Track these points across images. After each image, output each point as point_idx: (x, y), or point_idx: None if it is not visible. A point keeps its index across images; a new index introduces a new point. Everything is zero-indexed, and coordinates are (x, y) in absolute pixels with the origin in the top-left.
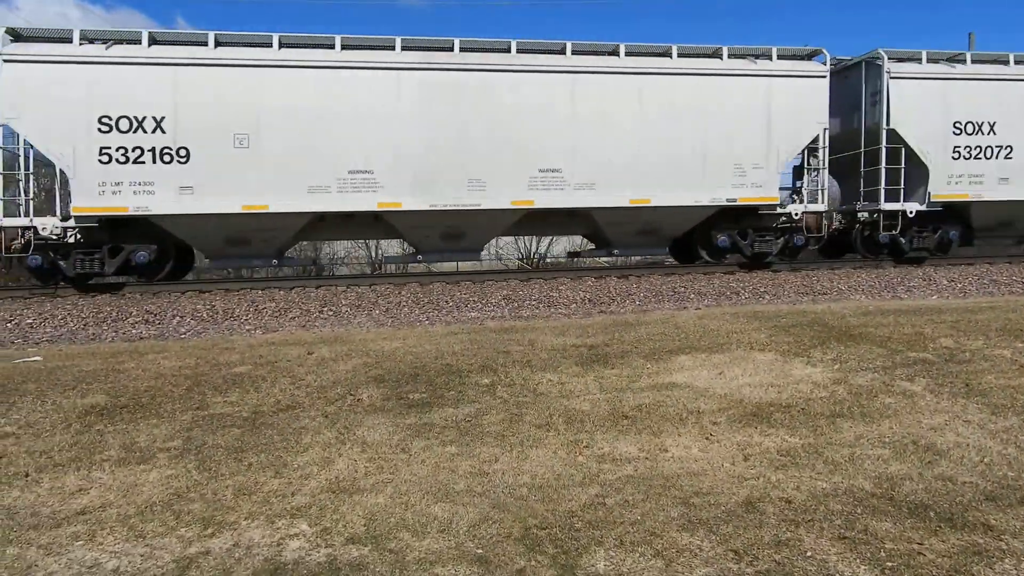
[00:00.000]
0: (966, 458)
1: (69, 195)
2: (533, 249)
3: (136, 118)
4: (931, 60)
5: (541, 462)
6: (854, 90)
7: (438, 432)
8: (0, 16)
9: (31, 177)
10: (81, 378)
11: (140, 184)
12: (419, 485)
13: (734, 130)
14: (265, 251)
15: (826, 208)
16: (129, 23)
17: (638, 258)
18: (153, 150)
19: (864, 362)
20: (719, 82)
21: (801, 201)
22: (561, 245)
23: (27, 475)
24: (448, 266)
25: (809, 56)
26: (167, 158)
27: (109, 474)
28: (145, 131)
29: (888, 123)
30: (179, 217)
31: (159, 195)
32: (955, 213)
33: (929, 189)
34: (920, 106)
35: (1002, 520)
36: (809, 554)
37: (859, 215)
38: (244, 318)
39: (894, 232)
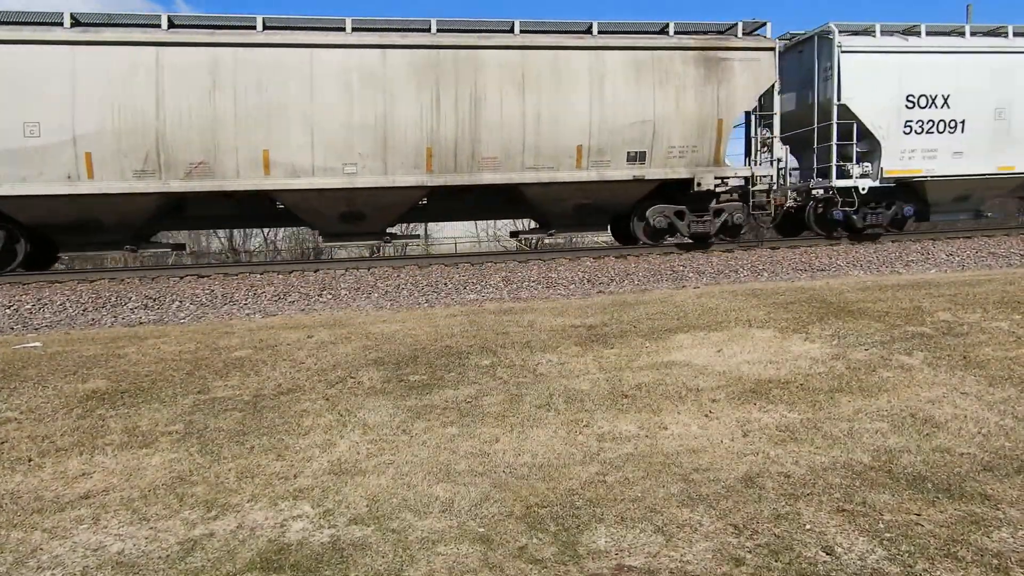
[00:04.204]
0: (964, 430)
1: None
2: None
3: None
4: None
5: (542, 442)
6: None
7: (439, 413)
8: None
9: None
10: (81, 363)
11: None
12: (421, 466)
13: None
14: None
15: None
16: (130, 7)
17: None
18: None
19: (862, 337)
20: None
21: None
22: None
23: (30, 460)
24: (447, 248)
25: None
26: None
27: (112, 458)
28: None
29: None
30: None
31: None
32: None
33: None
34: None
35: (999, 490)
36: (808, 527)
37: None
38: (243, 302)
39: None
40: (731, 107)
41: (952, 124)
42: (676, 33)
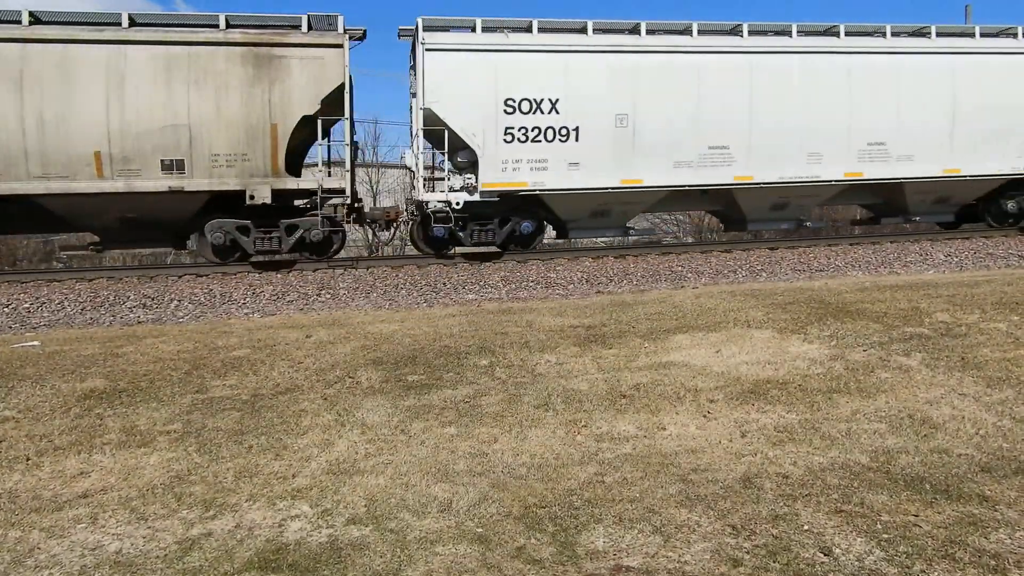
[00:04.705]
0: (962, 431)
1: None
2: None
3: None
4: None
5: (540, 442)
6: None
7: (437, 413)
8: None
9: None
10: (80, 362)
11: None
12: (419, 466)
13: None
14: None
15: None
16: (131, 6)
17: (635, 238)
18: None
19: (861, 338)
20: None
21: None
22: None
23: (28, 459)
24: None
25: None
26: None
27: (110, 457)
28: None
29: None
30: None
31: None
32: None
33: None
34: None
35: (997, 491)
36: (806, 528)
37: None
38: (242, 301)
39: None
40: (288, 111)
41: (564, 132)
42: (229, 27)
